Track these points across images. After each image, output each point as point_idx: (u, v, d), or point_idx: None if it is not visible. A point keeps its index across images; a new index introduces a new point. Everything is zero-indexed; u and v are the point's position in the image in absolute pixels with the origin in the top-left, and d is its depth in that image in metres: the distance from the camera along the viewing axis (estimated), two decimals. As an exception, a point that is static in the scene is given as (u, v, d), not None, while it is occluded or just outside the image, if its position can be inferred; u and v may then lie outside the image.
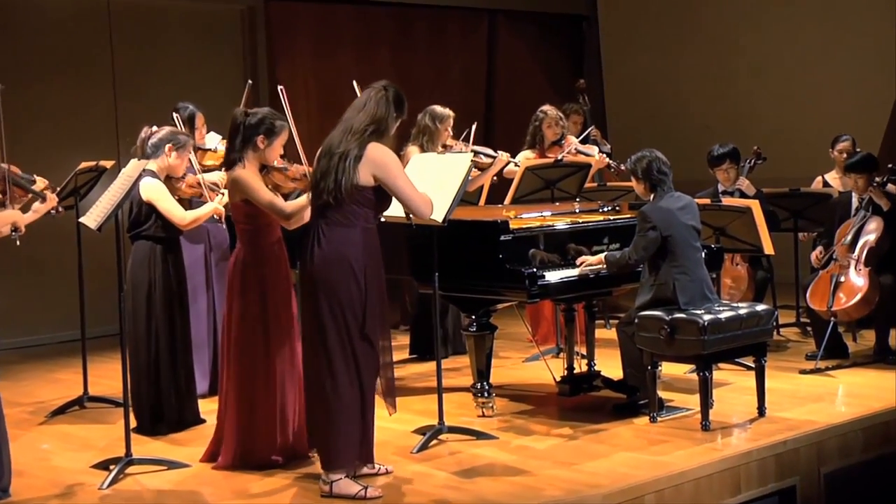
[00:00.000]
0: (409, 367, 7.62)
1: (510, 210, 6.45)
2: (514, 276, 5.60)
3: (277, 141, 5.16)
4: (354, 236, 4.58)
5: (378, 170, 4.60)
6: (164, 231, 5.84)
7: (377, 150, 4.62)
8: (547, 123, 8.01)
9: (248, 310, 5.15)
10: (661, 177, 5.76)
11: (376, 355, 4.68)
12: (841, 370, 6.90)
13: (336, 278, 4.54)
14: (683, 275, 5.67)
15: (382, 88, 4.76)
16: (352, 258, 4.57)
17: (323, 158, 4.67)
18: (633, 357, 5.83)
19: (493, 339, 6.02)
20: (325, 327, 4.57)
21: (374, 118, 4.67)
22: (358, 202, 4.59)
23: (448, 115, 7.20)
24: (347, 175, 4.56)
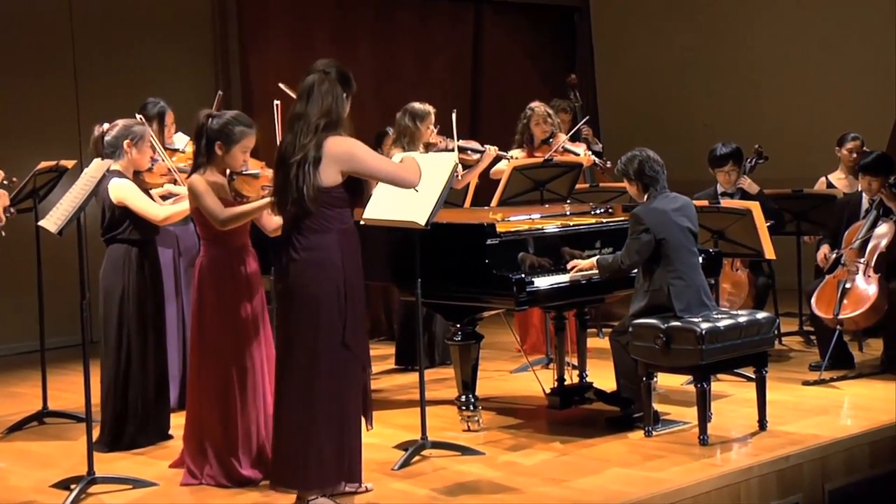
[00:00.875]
0: (391, 378, 7.62)
1: (497, 212, 6.45)
2: (501, 283, 5.61)
3: (237, 148, 5.15)
4: (331, 241, 4.56)
5: (345, 163, 4.54)
6: (139, 233, 5.82)
7: (336, 144, 4.54)
8: (535, 121, 8.03)
9: (205, 320, 5.17)
10: (655, 176, 5.78)
11: (359, 366, 4.67)
12: (846, 381, 6.93)
13: (314, 286, 4.53)
14: (679, 280, 5.69)
15: (322, 72, 4.64)
16: (329, 264, 4.55)
17: (279, 171, 4.59)
18: (627, 368, 5.84)
19: (479, 348, 6.02)
20: (303, 337, 4.55)
21: (323, 110, 4.57)
22: (329, 205, 4.54)
23: (427, 111, 7.21)
24: (309, 182, 4.48)
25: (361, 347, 4.66)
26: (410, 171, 4.73)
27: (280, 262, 4.62)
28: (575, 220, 6.46)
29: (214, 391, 5.18)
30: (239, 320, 5.16)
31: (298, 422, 4.60)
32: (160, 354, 5.94)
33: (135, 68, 9.46)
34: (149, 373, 5.88)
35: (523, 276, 5.64)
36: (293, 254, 4.56)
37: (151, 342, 5.88)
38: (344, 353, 4.58)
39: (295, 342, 4.58)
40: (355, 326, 4.59)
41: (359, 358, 4.64)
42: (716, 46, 11.59)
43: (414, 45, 11.10)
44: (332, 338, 4.55)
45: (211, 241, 5.20)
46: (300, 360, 4.57)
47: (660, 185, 5.79)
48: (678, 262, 5.69)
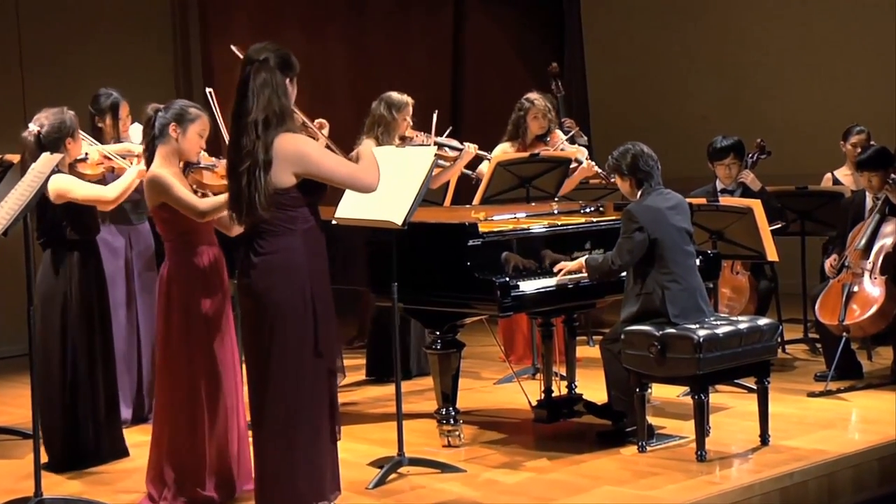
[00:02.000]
0: (364, 390, 7.60)
1: (479, 211, 6.44)
2: (483, 287, 5.60)
3: (192, 129, 5.15)
4: (295, 242, 4.52)
5: (296, 165, 4.46)
6: (79, 233, 5.78)
7: (286, 143, 4.45)
8: (533, 114, 8.01)
9: (173, 331, 5.14)
10: (649, 171, 5.79)
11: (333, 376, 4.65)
12: (854, 392, 6.94)
13: (278, 291, 4.49)
14: (674, 283, 5.69)
15: (258, 62, 4.50)
16: (294, 267, 4.50)
17: (230, 180, 4.53)
18: (618, 378, 5.84)
19: (461, 358, 6.02)
20: (275, 348, 4.52)
21: (263, 105, 4.46)
22: (287, 206, 4.48)
23: (406, 102, 7.19)
24: (261, 188, 4.41)
25: (331, 354, 4.64)
26: (369, 173, 4.61)
27: (241, 266, 4.59)
28: (563, 219, 6.46)
29: (178, 407, 5.14)
30: (212, 329, 5.13)
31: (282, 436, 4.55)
32: (109, 365, 5.89)
33: (86, 60, 9.40)
34: (98, 386, 5.83)
35: (508, 280, 5.63)
36: (254, 258, 4.51)
37: (99, 353, 5.84)
38: (318, 362, 4.55)
39: (266, 353, 4.53)
40: (326, 332, 4.57)
41: (329, 364, 4.61)
42: (715, 34, 11.62)
43: (390, 36, 11.10)
44: (305, 346, 4.52)
45: (176, 242, 5.15)
46: (275, 371, 4.52)
47: (654, 181, 5.80)
48: (673, 264, 5.70)
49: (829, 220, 7.82)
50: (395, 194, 5.18)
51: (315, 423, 4.57)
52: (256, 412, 4.59)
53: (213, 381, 5.15)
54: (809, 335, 8.24)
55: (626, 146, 5.85)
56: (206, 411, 5.13)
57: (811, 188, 8.17)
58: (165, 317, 5.18)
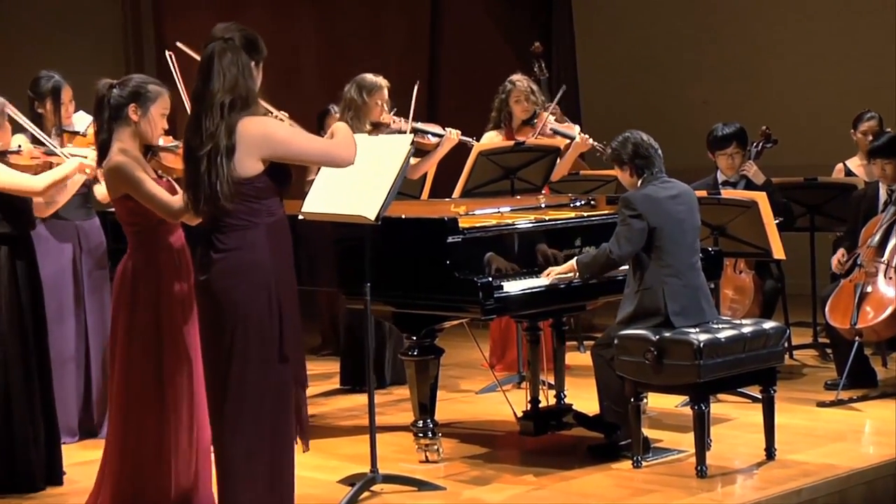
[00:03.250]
0: (336, 400, 7.61)
1: (460, 205, 6.45)
2: (464, 287, 5.60)
3: (155, 109, 5.12)
4: (258, 237, 4.51)
5: (264, 148, 4.45)
6: (9, 226, 5.68)
7: (251, 127, 4.44)
8: (515, 97, 8.01)
9: (137, 330, 5.09)
10: (650, 158, 5.81)
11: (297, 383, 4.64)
12: (868, 402, 6.97)
13: (239, 290, 4.48)
14: (674, 278, 5.70)
15: (222, 41, 4.51)
16: (256, 264, 4.49)
17: (188, 164, 4.51)
18: (612, 387, 5.86)
19: (439, 365, 6.02)
20: (232, 353, 4.49)
21: (227, 86, 4.45)
22: (251, 197, 4.47)
23: (378, 84, 7.19)
24: (223, 177, 4.39)
25: (297, 361, 4.63)
26: (344, 145, 4.62)
27: (199, 263, 4.57)
28: (551, 213, 6.47)
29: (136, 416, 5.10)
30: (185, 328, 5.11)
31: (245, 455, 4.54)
32: (46, 378, 5.76)
33: (25, 36, 9.34)
34: (35, 402, 5.70)
35: (491, 280, 5.64)
36: (213, 254, 4.49)
37: (34, 365, 5.70)
38: (282, 369, 4.54)
39: (226, 359, 4.52)
40: (291, 336, 4.56)
41: (294, 373, 4.60)
42: (717, 12, 11.65)
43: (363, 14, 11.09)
44: (268, 350, 4.51)
45: (142, 234, 5.10)
46: (236, 380, 4.51)
47: (655, 170, 5.82)
48: (673, 258, 5.72)
49: (841, 214, 7.83)
50: (368, 187, 5.18)
51: (281, 438, 4.56)
52: (215, 426, 4.57)
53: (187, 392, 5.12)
54: (819, 340, 8.27)
55: (626, 134, 5.88)
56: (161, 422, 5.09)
57: (821, 180, 8.19)
58: (128, 318, 5.12)
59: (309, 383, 4.74)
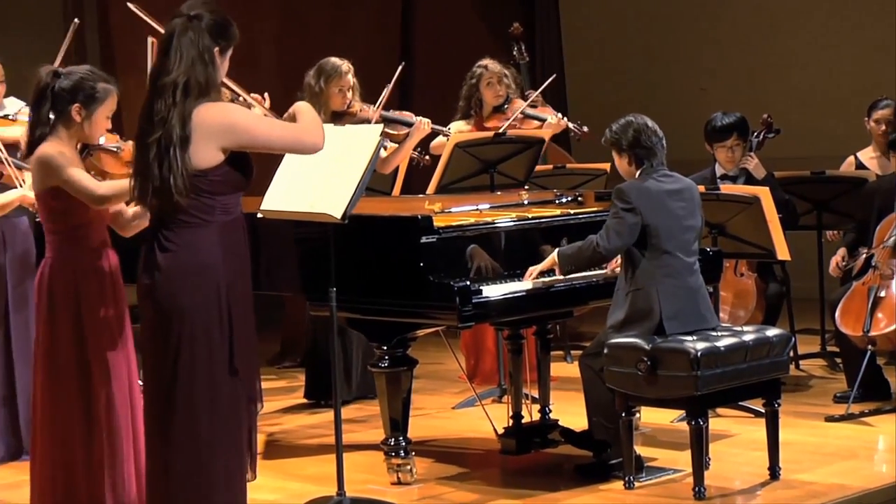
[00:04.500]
0: (298, 416, 7.61)
1: (435, 202, 6.45)
2: (439, 292, 5.61)
3: (101, 111, 5.10)
4: (209, 236, 4.49)
5: (224, 137, 4.44)
6: None
7: (209, 115, 4.43)
8: (486, 81, 8.04)
9: (58, 342, 5.09)
10: (652, 148, 5.80)
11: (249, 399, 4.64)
12: (881, 416, 6.99)
13: (187, 295, 4.47)
14: (669, 278, 5.71)
15: (186, 18, 4.50)
16: (207, 266, 4.48)
17: (137, 153, 4.50)
18: (601, 401, 5.86)
19: (413, 377, 6.02)
20: (178, 363, 4.50)
21: (188, 68, 4.44)
22: (206, 192, 4.46)
23: (337, 68, 7.19)
24: (176, 169, 4.37)
25: (250, 374, 4.62)
26: (312, 129, 4.62)
27: (143, 264, 4.56)
28: (535, 211, 6.48)
29: (61, 435, 5.10)
30: (106, 342, 5.10)
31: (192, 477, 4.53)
32: None
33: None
34: None
35: (468, 284, 5.64)
36: (159, 255, 4.48)
37: None
38: (233, 382, 4.54)
39: (171, 372, 4.50)
40: (244, 347, 4.55)
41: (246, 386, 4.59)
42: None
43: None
44: (217, 362, 4.50)
45: (65, 236, 5.11)
46: (182, 394, 4.50)
47: (656, 161, 5.82)
48: (669, 257, 5.71)
49: (851, 211, 7.84)
50: (334, 182, 5.18)
51: (232, 461, 4.55)
52: (157, 443, 4.55)
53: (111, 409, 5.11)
54: (828, 348, 8.29)
55: (629, 118, 5.87)
56: (107, 440, 5.09)
57: (829, 173, 8.21)
58: (48, 325, 5.12)
59: (267, 398, 4.74)
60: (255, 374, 4.68)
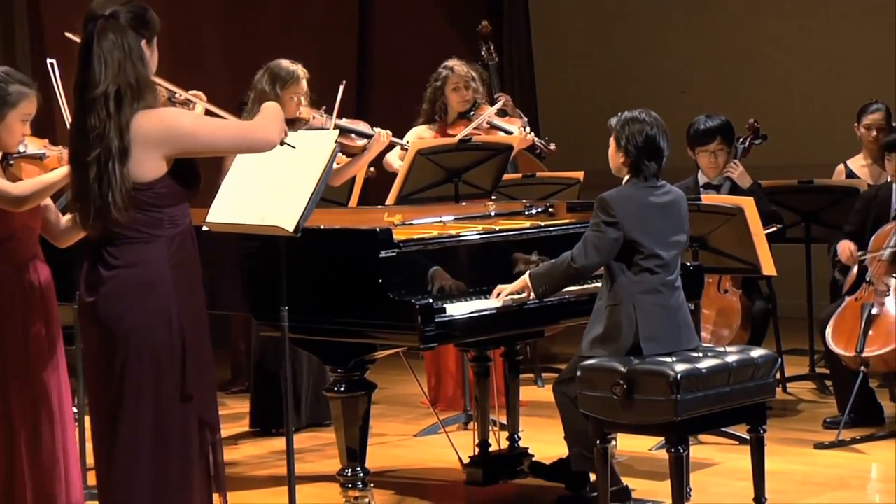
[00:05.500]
0: (246, 445, 7.60)
1: (394, 213, 6.46)
2: (400, 310, 5.60)
3: (14, 115, 5.08)
4: (158, 252, 4.48)
5: (166, 145, 4.40)
6: None
7: (148, 121, 4.40)
8: (452, 84, 8.05)
9: None
10: (653, 163, 5.74)
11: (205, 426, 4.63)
12: (874, 443, 7.03)
13: (134, 315, 4.45)
14: (648, 296, 5.70)
15: (102, 20, 4.43)
16: (155, 284, 4.47)
17: (75, 174, 4.47)
18: (581, 430, 5.83)
19: (371, 402, 6.01)
20: (123, 390, 4.47)
21: (115, 75, 4.39)
22: (151, 206, 4.44)
23: (294, 74, 7.20)
24: (115, 184, 4.34)
25: (206, 401, 4.61)
26: (266, 124, 4.58)
27: (86, 283, 4.54)
28: (502, 222, 6.48)
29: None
30: (36, 365, 5.09)
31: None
32: None
33: None
34: None
35: (431, 302, 5.64)
36: (104, 272, 4.47)
37: None
38: (185, 409, 4.52)
39: (117, 398, 4.48)
40: (198, 370, 4.54)
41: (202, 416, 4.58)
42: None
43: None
44: (167, 389, 4.48)
45: None
46: (129, 423, 4.47)
47: (650, 172, 5.75)
48: (650, 274, 5.70)
49: (841, 222, 7.85)
50: (285, 193, 5.17)
51: (182, 494, 4.53)
52: (102, 476, 4.53)
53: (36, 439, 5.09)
54: (817, 370, 8.33)
55: (642, 117, 5.72)
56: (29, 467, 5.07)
57: (818, 182, 8.25)
58: None
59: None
60: (213, 400, 4.66)
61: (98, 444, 4.53)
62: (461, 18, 11.71)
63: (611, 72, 11.97)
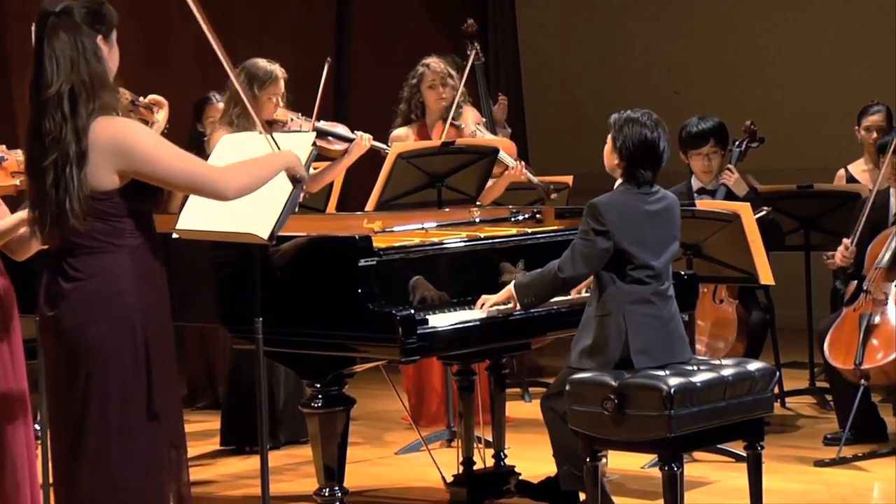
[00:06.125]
0: (219, 464, 7.59)
1: (374, 220, 6.45)
2: (380, 322, 5.59)
3: None
4: (121, 262, 4.45)
5: (121, 161, 4.37)
6: None
7: (107, 132, 4.37)
8: (428, 82, 8.04)
9: None
10: (653, 168, 5.71)
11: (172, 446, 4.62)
12: (876, 460, 7.04)
13: (97, 328, 4.44)
14: (639, 306, 5.69)
15: (54, 17, 4.40)
16: (117, 295, 4.45)
17: (31, 180, 4.45)
18: (570, 447, 5.82)
19: (350, 419, 6.00)
20: (86, 407, 4.46)
21: (68, 75, 4.36)
22: (111, 215, 4.42)
23: (273, 74, 7.19)
24: (73, 191, 4.31)
25: (172, 418, 4.59)
26: (232, 178, 4.53)
27: (46, 295, 4.52)
28: (488, 230, 6.48)
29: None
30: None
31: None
32: None
33: None
34: None
35: (413, 313, 5.63)
36: (64, 284, 4.45)
37: None
38: (151, 427, 4.51)
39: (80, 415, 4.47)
40: (164, 386, 4.53)
41: (169, 433, 4.57)
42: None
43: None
44: (132, 404, 4.47)
45: None
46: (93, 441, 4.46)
47: (644, 181, 5.73)
48: (641, 284, 5.68)
49: (841, 229, 7.85)
50: (259, 198, 5.15)
51: None
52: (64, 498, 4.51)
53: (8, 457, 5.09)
54: (817, 384, 8.34)
55: (643, 120, 5.64)
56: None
57: (818, 187, 8.25)
58: None
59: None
60: (179, 416, 4.65)
61: (60, 461, 4.51)
62: (445, 17, 11.72)
63: (601, 72, 11.98)
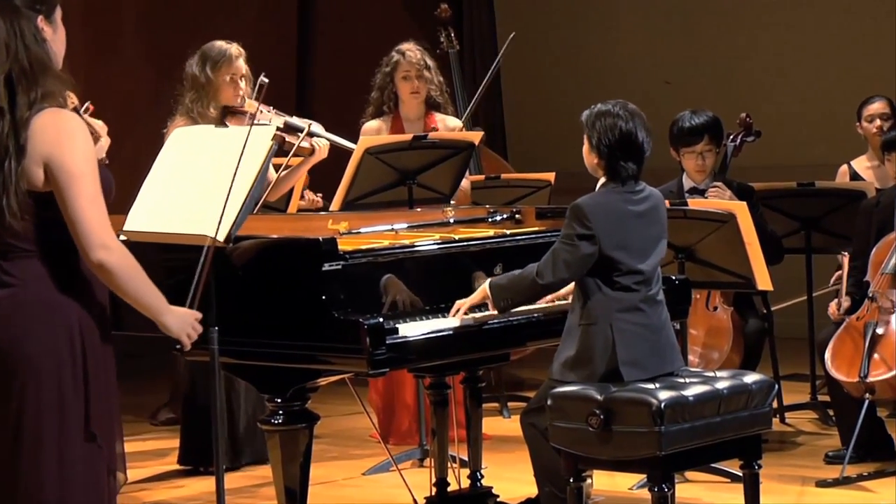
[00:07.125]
0: (175, 485, 7.58)
1: (340, 221, 6.44)
2: (345, 331, 5.57)
3: None
4: (58, 266, 4.45)
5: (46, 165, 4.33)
6: None
7: (48, 130, 4.35)
8: (402, 73, 8.03)
9: None
10: (635, 162, 5.70)
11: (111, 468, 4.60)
12: (882, 479, 7.05)
13: (32, 339, 4.43)
14: (627, 314, 5.69)
15: None
16: (55, 304, 4.45)
17: None
18: (551, 466, 5.82)
19: (313, 436, 5.98)
20: (20, 426, 4.45)
21: (4, 63, 4.35)
22: (48, 216, 4.41)
23: (227, 52, 7.18)
24: (10, 184, 4.33)
25: (109, 437, 4.57)
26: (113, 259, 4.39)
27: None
28: (463, 231, 6.47)
29: None
30: None
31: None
32: None
33: None
34: None
35: (382, 321, 5.61)
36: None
37: None
38: (86, 448, 4.49)
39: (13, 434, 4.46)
40: (102, 403, 4.51)
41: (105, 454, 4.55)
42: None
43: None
44: (70, 423, 4.46)
45: None
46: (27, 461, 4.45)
47: (628, 174, 5.71)
48: (628, 291, 5.68)
49: (845, 230, 7.88)
50: (214, 196, 5.14)
51: None
52: None
53: None
54: (819, 398, 8.35)
55: (616, 111, 5.62)
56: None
57: (819, 185, 8.26)
58: None
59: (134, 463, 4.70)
60: (117, 437, 4.63)
61: None
62: (416, 1, 11.73)
63: (585, 61, 11.99)
